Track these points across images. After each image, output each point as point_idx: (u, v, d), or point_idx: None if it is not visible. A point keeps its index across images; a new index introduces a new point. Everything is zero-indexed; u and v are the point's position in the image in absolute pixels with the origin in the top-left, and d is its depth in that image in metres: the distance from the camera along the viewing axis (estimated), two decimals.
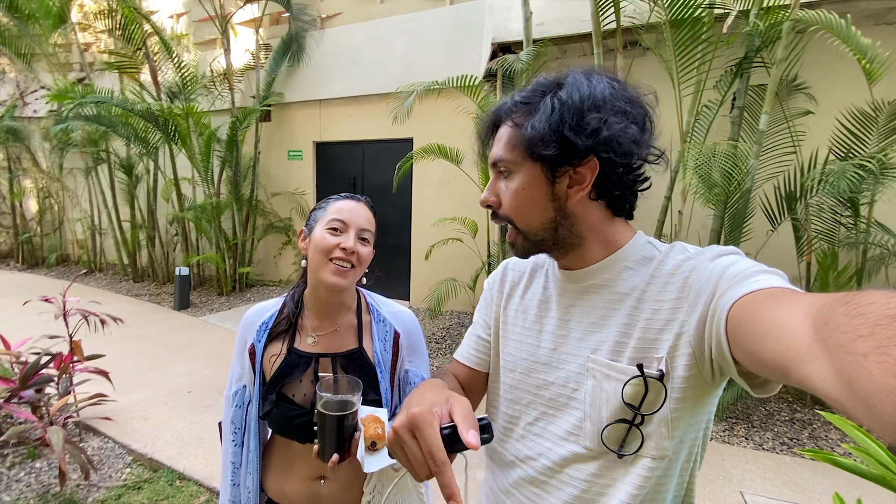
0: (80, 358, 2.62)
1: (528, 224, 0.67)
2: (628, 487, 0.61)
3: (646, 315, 0.61)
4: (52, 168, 8.42)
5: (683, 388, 0.58)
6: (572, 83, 0.63)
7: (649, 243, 0.68)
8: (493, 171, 0.70)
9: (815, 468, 2.58)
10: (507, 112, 0.68)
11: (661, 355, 0.59)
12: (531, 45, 3.85)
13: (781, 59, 3.00)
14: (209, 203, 6.21)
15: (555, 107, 0.61)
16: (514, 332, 0.77)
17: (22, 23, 6.51)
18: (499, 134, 0.69)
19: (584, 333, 0.67)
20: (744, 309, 0.48)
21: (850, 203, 3.19)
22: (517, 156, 0.65)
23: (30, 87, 8.81)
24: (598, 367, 0.64)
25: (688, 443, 0.63)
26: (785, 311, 0.42)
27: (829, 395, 0.34)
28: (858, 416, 0.31)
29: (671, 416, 0.59)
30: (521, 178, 0.65)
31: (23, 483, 2.31)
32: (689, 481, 0.66)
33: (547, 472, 0.68)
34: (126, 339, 4.27)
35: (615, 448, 0.62)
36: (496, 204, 0.70)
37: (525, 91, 0.68)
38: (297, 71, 6.68)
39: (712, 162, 2.89)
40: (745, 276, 0.51)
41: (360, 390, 0.82)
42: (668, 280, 0.61)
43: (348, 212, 0.95)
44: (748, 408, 3.28)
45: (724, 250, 0.59)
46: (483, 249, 4.94)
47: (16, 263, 9.04)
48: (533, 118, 0.62)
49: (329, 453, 0.79)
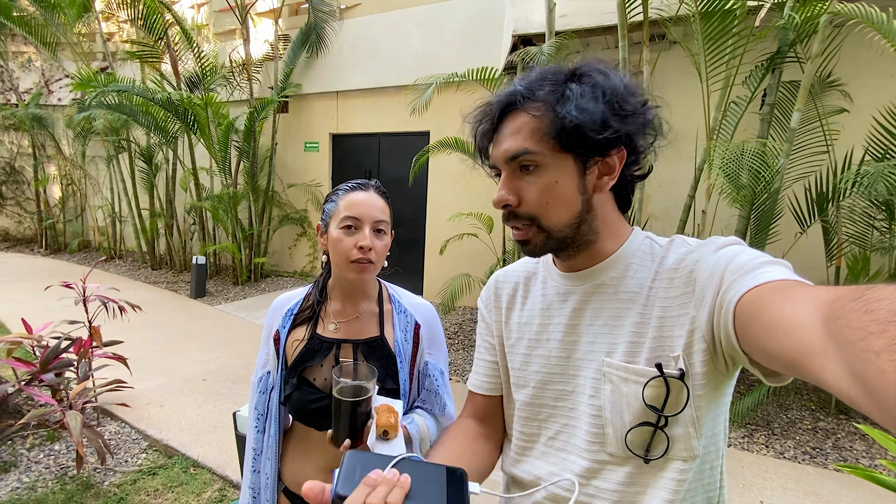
0: (99, 343, 2.65)
1: (557, 221, 0.62)
2: (662, 493, 0.59)
3: (657, 313, 0.59)
4: (75, 155, 8.59)
5: (703, 384, 0.56)
6: (597, 70, 0.61)
7: (648, 237, 0.66)
8: (509, 166, 0.62)
9: (840, 480, 2.49)
10: (522, 100, 0.61)
11: (678, 353, 0.56)
12: (553, 37, 3.76)
13: (817, 54, 2.87)
14: (226, 193, 6.27)
15: (596, 93, 0.58)
16: (521, 346, 0.73)
17: (47, 12, 6.62)
18: (515, 125, 0.61)
19: (595, 336, 0.64)
20: (751, 303, 0.46)
21: (885, 206, 3.06)
22: (546, 147, 0.60)
23: (54, 75, 8.99)
24: (613, 370, 0.61)
25: (714, 438, 0.61)
26: (793, 306, 0.41)
27: (841, 391, 0.34)
28: (872, 413, 0.31)
29: (696, 414, 0.57)
30: (552, 171, 0.60)
31: (42, 465, 2.35)
32: (720, 478, 0.64)
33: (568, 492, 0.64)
34: (144, 326, 4.33)
35: (640, 453, 0.59)
36: (515, 203, 0.62)
37: (532, 80, 0.62)
38: (316, 62, 6.68)
39: (740, 160, 2.79)
40: (751, 268, 0.49)
41: (375, 378, 0.83)
42: (673, 275, 0.59)
43: (360, 206, 0.94)
44: (768, 415, 3.19)
45: (727, 241, 0.57)
46: (498, 245, 4.89)
47: (39, 248, 9.27)
48: (567, 106, 0.57)
49: (342, 438, 0.81)
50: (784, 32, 3.06)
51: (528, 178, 0.62)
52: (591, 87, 0.59)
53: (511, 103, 0.62)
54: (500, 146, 0.63)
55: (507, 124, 0.62)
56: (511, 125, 0.62)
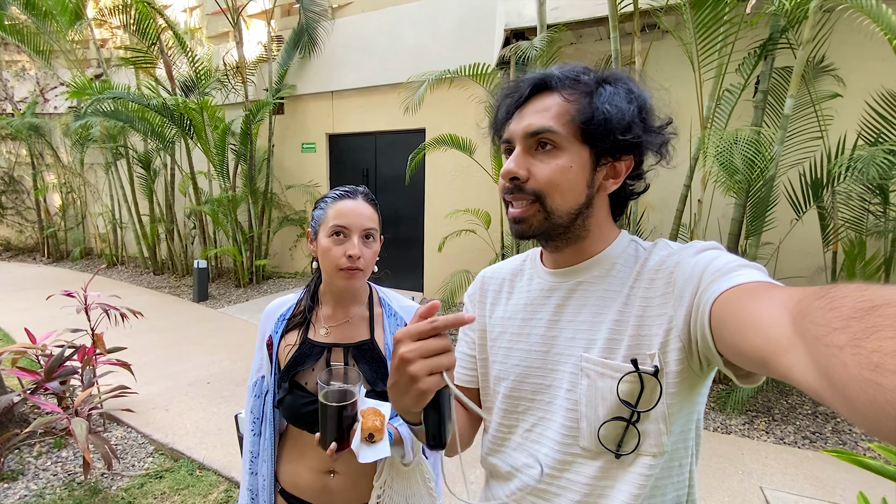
0: (103, 350, 2.68)
1: (561, 204, 0.63)
2: (629, 488, 0.61)
3: (636, 311, 0.61)
4: (73, 163, 8.61)
5: (677, 382, 0.58)
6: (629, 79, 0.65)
7: (633, 241, 0.69)
8: (527, 141, 0.63)
9: (838, 464, 2.51)
10: (559, 82, 0.63)
11: (654, 351, 0.59)
12: (545, 30, 3.76)
13: (808, 39, 2.86)
14: (225, 196, 6.29)
15: (630, 98, 0.62)
16: (503, 339, 0.75)
17: (40, 20, 6.62)
18: (543, 104, 0.63)
19: (575, 332, 0.66)
20: (726, 304, 0.48)
21: (879, 190, 3.06)
22: (570, 132, 0.62)
23: (49, 83, 8.99)
24: (591, 365, 0.63)
25: (684, 437, 0.63)
26: (764, 306, 0.43)
27: (807, 387, 0.35)
28: (836, 406, 0.32)
29: (668, 411, 0.59)
30: (568, 156, 0.62)
31: (49, 472, 2.39)
32: (689, 477, 0.66)
33: (546, 478, 0.67)
34: (147, 331, 4.37)
35: (612, 448, 0.61)
36: (525, 178, 0.63)
37: (569, 68, 0.65)
38: (309, 62, 6.68)
39: (734, 148, 2.79)
40: (727, 271, 0.51)
41: (360, 382, 0.84)
42: (654, 276, 0.62)
43: (348, 214, 0.95)
44: (769, 401, 3.21)
45: (707, 245, 0.60)
46: (497, 241, 4.90)
47: (41, 257, 9.31)
48: (599, 100, 0.61)
49: (329, 442, 0.83)
50: (775, 19, 3.05)
51: (543, 156, 0.63)
52: (626, 91, 0.62)
53: (545, 84, 0.64)
54: (523, 121, 0.64)
55: (535, 102, 0.64)
56: (539, 103, 0.64)
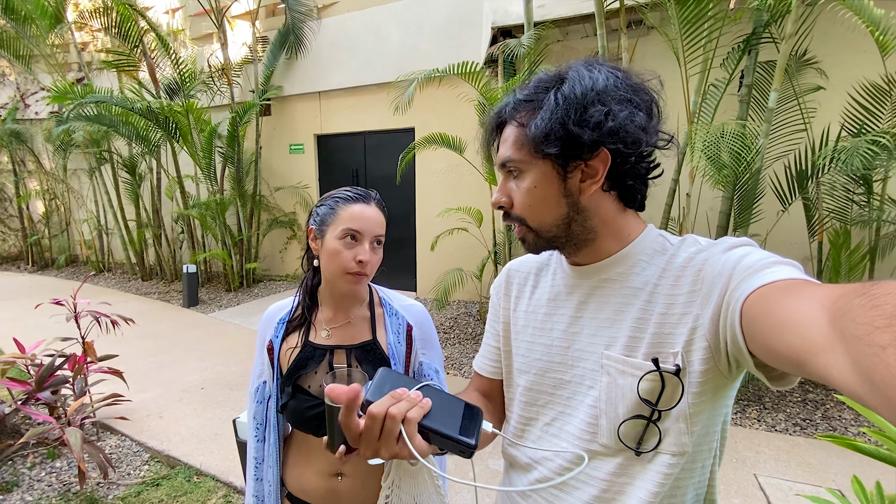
0: (94, 359, 2.64)
1: (541, 222, 0.66)
2: (648, 485, 0.61)
3: (660, 309, 0.60)
4: (56, 169, 8.45)
5: (701, 381, 0.57)
6: (574, 77, 0.62)
7: (661, 236, 0.67)
8: (502, 171, 0.69)
9: (830, 449, 2.57)
10: (511, 111, 0.67)
11: (677, 350, 0.58)
12: (532, 28, 3.77)
13: (791, 33, 2.91)
14: (213, 200, 6.21)
15: (558, 102, 0.60)
16: (526, 333, 0.76)
17: (19, 24, 6.48)
18: (504, 134, 0.68)
19: (596, 329, 0.66)
20: (758, 301, 0.47)
21: (863, 180, 3.12)
22: (525, 154, 0.64)
23: (30, 88, 8.81)
24: (612, 363, 0.63)
25: (707, 438, 0.62)
26: (800, 303, 0.41)
27: (847, 388, 0.34)
28: (878, 407, 0.31)
29: (689, 411, 0.58)
30: (531, 176, 0.65)
31: (44, 483, 2.35)
32: (710, 478, 0.65)
33: (564, 472, 0.67)
34: (138, 338, 4.31)
35: (633, 445, 0.61)
36: (508, 205, 0.68)
37: (527, 88, 0.67)
38: (296, 63, 6.62)
39: (721, 142, 2.83)
40: (759, 268, 0.50)
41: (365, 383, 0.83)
42: (681, 273, 0.60)
43: (363, 219, 0.94)
44: (759, 390, 3.27)
45: (737, 241, 0.58)
46: (489, 238, 4.91)
47: (26, 265, 9.14)
48: (536, 116, 0.62)
49: (337, 445, 0.81)
50: (758, 13, 3.09)
51: (515, 182, 0.67)
52: (561, 95, 0.60)
53: (501, 119, 0.69)
54: (496, 155, 0.70)
55: (502, 135, 0.69)
56: (503, 135, 0.69)
